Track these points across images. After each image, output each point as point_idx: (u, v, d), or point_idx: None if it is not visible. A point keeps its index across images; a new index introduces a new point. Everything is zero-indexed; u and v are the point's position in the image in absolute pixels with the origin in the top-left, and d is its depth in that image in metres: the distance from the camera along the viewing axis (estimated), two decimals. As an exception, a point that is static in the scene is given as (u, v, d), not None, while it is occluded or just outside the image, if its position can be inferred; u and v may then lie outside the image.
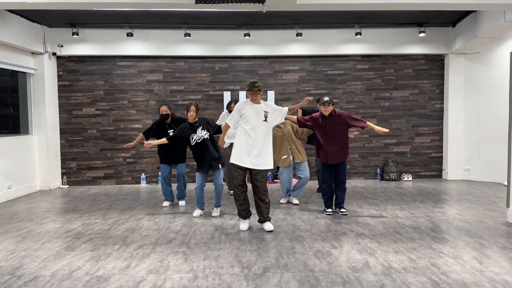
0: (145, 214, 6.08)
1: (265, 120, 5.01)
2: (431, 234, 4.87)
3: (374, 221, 5.53)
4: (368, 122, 5.72)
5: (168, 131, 6.37)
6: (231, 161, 5.05)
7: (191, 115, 5.70)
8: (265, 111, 5.02)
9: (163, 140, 5.84)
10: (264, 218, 5.11)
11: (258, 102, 5.06)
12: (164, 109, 6.41)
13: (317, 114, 5.88)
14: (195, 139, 5.68)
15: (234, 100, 7.37)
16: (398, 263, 3.92)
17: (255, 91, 4.95)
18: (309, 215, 5.90)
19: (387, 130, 5.67)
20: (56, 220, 5.79)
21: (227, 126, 5.20)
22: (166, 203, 6.63)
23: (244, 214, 5.18)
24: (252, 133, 4.94)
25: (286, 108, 5.30)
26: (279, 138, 6.39)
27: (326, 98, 5.71)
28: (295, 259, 4.04)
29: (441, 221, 5.49)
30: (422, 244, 4.49)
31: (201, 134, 5.69)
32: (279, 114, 5.19)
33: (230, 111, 6.91)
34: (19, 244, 4.67)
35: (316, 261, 3.98)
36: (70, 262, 4.04)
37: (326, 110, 5.70)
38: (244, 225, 5.15)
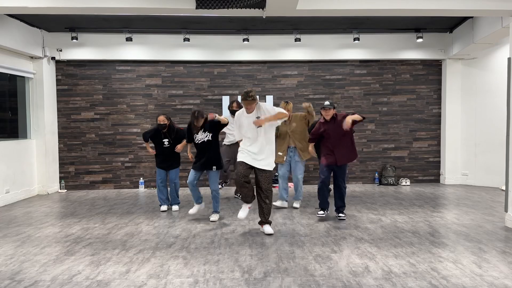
0: (144, 219, 6.07)
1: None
2: (430, 239, 4.89)
3: (373, 225, 5.55)
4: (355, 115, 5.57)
5: (163, 140, 6.48)
6: (239, 159, 5.06)
7: (198, 124, 5.76)
8: (257, 117, 4.99)
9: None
10: (265, 219, 5.13)
11: (253, 110, 5.05)
12: (161, 119, 6.43)
13: (321, 119, 5.89)
14: (197, 139, 5.84)
15: (236, 100, 7.39)
16: (398, 267, 3.94)
17: (249, 101, 4.93)
18: (308, 219, 5.91)
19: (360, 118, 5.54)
20: (55, 225, 5.77)
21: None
22: (164, 207, 6.64)
23: (249, 198, 5.13)
24: (248, 142, 5.05)
25: (278, 109, 5.09)
26: (282, 134, 6.44)
27: (326, 103, 5.73)
28: (296, 264, 4.05)
29: (440, 226, 5.51)
30: (421, 249, 4.51)
31: (202, 136, 5.79)
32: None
33: (232, 111, 6.93)
34: (18, 249, 4.66)
35: (316, 266, 3.99)
36: (70, 267, 4.04)
37: (328, 115, 5.71)
38: (243, 212, 5.12)
